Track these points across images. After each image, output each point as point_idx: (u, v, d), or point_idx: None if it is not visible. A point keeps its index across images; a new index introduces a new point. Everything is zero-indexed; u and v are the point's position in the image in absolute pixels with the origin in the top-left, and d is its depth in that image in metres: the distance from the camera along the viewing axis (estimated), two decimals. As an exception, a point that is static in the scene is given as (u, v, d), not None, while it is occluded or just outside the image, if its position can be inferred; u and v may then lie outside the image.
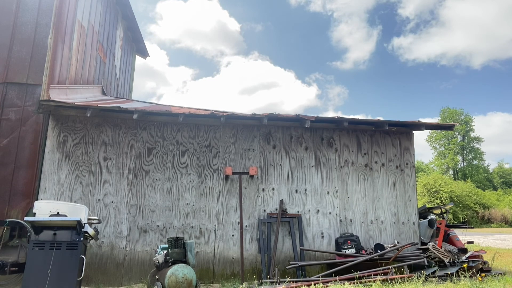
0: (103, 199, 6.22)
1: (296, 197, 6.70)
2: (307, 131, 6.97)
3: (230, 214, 6.45)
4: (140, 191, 6.34)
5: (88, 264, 5.36)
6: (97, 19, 8.95)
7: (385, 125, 6.82)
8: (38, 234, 4.38)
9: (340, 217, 6.72)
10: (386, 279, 5.30)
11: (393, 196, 6.97)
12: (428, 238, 7.00)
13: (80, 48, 7.94)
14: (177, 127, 6.68)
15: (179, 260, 4.92)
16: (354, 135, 7.13)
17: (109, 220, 6.15)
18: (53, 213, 4.60)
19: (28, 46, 6.81)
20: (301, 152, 6.91)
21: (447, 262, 6.01)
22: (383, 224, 6.81)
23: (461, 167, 49.21)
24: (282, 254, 6.37)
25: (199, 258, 6.16)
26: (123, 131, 6.53)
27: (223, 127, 6.80)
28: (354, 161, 7.01)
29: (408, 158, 7.18)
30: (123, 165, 6.39)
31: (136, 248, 6.12)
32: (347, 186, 6.88)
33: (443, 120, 47.50)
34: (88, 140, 6.40)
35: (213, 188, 6.51)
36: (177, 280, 4.52)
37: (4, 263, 4.62)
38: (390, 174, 7.05)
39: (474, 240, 9.66)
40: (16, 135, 6.45)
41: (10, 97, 6.62)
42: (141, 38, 12.61)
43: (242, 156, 6.73)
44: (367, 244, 6.64)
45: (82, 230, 4.49)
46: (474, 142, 49.05)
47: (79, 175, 6.25)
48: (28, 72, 6.71)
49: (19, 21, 6.92)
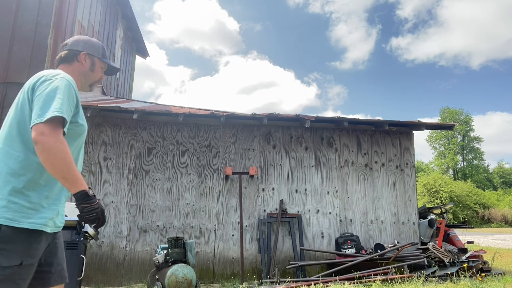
0: (103, 199, 6.22)
1: (296, 197, 6.70)
2: (307, 131, 6.97)
3: (230, 214, 6.45)
4: (140, 191, 6.34)
5: (88, 264, 5.36)
6: (97, 19, 8.95)
7: (385, 125, 6.82)
8: (38, 234, 4.38)
9: (340, 217, 6.72)
10: (386, 279, 5.30)
11: (393, 196, 6.97)
12: (428, 238, 7.00)
13: (80, 48, 7.93)
14: (177, 127, 6.68)
15: (179, 260, 4.92)
16: (354, 135, 7.13)
17: (109, 220, 6.15)
18: (53, 213, 4.60)
19: (28, 46, 6.81)
20: (301, 152, 6.91)
21: (447, 262, 6.01)
22: (383, 224, 6.81)
23: (461, 167, 49.21)
24: (282, 254, 6.37)
25: (199, 258, 6.16)
26: (123, 131, 6.53)
27: (223, 127, 6.80)
28: (354, 161, 7.01)
29: (408, 158, 7.17)
30: (123, 165, 6.39)
31: (136, 248, 6.12)
32: (347, 186, 6.88)
33: (443, 120, 47.49)
34: (88, 140, 6.39)
35: (213, 188, 6.51)
36: (177, 280, 4.52)
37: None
38: (390, 174, 7.05)
39: (474, 240, 9.67)
40: (16, 135, 6.45)
41: (10, 97, 6.61)
42: (141, 38, 12.61)
43: (242, 156, 6.73)
44: (367, 244, 6.64)
45: (82, 230, 4.49)
46: (474, 142, 49.04)
47: (79, 175, 6.25)
48: (28, 72, 6.70)
49: (19, 21, 6.92)
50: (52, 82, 1.71)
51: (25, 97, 1.73)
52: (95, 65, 2.06)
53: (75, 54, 2.00)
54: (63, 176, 1.63)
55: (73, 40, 2.06)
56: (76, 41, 2.05)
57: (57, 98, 1.67)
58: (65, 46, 2.04)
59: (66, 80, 1.76)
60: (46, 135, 1.58)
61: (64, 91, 1.71)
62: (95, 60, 2.06)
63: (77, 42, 2.04)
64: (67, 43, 2.05)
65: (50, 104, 1.64)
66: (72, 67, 1.99)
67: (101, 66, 2.11)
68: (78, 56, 2.01)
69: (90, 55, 2.04)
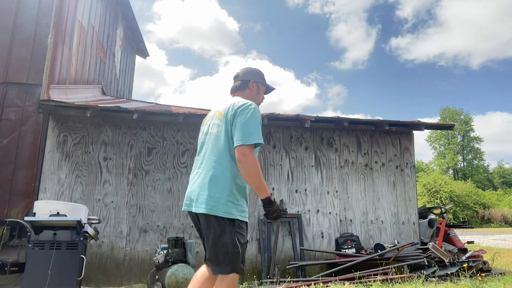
0: (103, 199, 6.22)
1: (296, 197, 6.70)
2: (307, 131, 6.96)
3: (230, 214, 6.44)
4: (140, 191, 6.34)
5: (88, 264, 5.36)
6: (97, 19, 8.94)
7: (385, 125, 6.82)
8: (38, 234, 4.38)
9: (340, 217, 6.72)
10: (386, 279, 5.30)
11: (393, 196, 6.97)
12: (428, 238, 7.00)
13: (80, 48, 7.94)
14: (177, 127, 6.68)
15: (179, 260, 4.92)
16: (354, 135, 7.13)
17: (109, 220, 6.15)
18: (53, 213, 4.60)
19: (28, 46, 6.80)
20: (301, 152, 6.91)
21: (447, 262, 6.00)
22: (383, 224, 6.81)
23: (461, 167, 49.22)
24: (282, 254, 6.37)
25: (199, 258, 6.15)
26: (123, 131, 6.53)
27: (223, 127, 6.79)
28: (354, 161, 7.01)
29: (408, 158, 7.17)
30: (123, 165, 6.39)
31: (136, 248, 6.12)
32: (347, 186, 6.88)
33: (443, 120, 47.49)
34: (88, 140, 6.39)
35: (213, 188, 6.50)
36: (177, 280, 4.52)
37: (4, 263, 4.61)
38: (390, 174, 7.05)
39: (474, 240, 9.66)
40: (16, 135, 6.45)
41: (10, 97, 6.61)
42: (141, 38, 12.61)
43: (242, 156, 6.72)
44: (367, 244, 6.64)
45: (82, 230, 4.49)
46: (474, 142, 49.07)
47: (79, 175, 6.25)
48: (28, 72, 6.70)
49: (19, 21, 6.91)
50: (249, 112, 2.32)
51: (228, 120, 2.34)
52: (259, 89, 2.68)
53: (246, 83, 2.62)
54: (256, 186, 2.26)
55: (243, 72, 2.68)
56: (245, 73, 2.67)
57: (255, 125, 2.30)
58: (237, 77, 2.67)
59: (257, 109, 2.40)
60: (246, 155, 2.21)
61: (257, 118, 2.34)
62: (259, 85, 2.67)
63: (246, 74, 2.67)
64: (239, 75, 2.67)
65: (250, 130, 2.26)
66: (245, 93, 2.60)
67: (263, 89, 2.72)
68: (248, 84, 2.62)
69: (256, 82, 2.65)
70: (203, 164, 2.39)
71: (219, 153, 2.32)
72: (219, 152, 2.32)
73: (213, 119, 2.48)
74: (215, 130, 2.41)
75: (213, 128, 2.43)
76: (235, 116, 2.31)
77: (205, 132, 2.51)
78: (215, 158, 2.32)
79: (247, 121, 2.27)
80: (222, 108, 2.44)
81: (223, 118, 2.37)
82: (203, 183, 2.31)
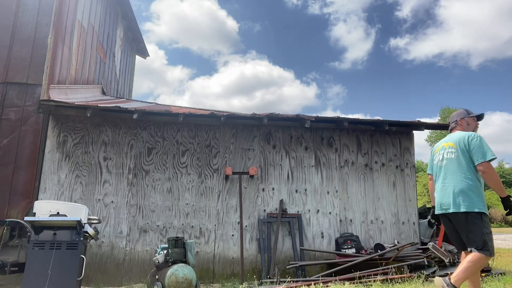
0: (103, 199, 6.22)
1: (296, 197, 6.70)
2: (307, 131, 6.96)
3: (230, 214, 6.45)
4: (140, 191, 6.34)
5: (88, 264, 5.36)
6: (97, 19, 8.94)
7: (385, 125, 6.82)
8: (38, 234, 4.38)
9: (340, 217, 6.72)
10: (386, 279, 5.30)
11: (393, 196, 6.97)
12: (428, 238, 7.00)
13: (80, 48, 7.94)
14: (177, 127, 6.68)
15: (179, 260, 4.91)
16: (354, 135, 7.12)
17: (109, 220, 6.15)
18: (53, 213, 4.60)
19: (28, 46, 6.81)
20: (301, 152, 6.91)
21: (447, 262, 6.00)
22: (383, 224, 6.81)
23: (461, 167, 49.10)
24: (282, 254, 6.37)
25: (199, 258, 6.16)
26: (123, 131, 6.53)
27: (223, 127, 6.80)
28: (354, 161, 7.01)
29: (408, 158, 7.17)
30: (123, 165, 6.39)
31: (136, 248, 6.12)
32: (347, 186, 6.88)
33: (443, 120, 47.49)
34: (88, 140, 6.40)
35: (213, 188, 6.51)
36: (177, 280, 4.52)
37: (4, 263, 4.61)
38: (390, 174, 7.05)
39: (474, 240, 9.63)
40: (16, 135, 6.45)
41: (10, 97, 6.62)
42: (141, 38, 12.62)
43: (242, 156, 6.73)
44: (367, 244, 6.64)
45: (82, 230, 4.49)
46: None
47: (79, 175, 6.25)
48: (28, 72, 6.71)
49: (19, 21, 6.92)
50: (477, 139, 3.37)
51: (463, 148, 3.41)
52: (468, 121, 3.68)
53: (456, 122, 3.71)
54: (498, 188, 3.33)
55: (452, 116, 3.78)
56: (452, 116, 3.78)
57: (486, 146, 3.33)
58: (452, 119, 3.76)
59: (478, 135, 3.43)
60: (488, 168, 3.26)
61: (484, 141, 3.37)
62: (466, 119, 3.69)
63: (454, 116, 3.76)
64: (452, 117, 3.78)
65: (483, 151, 3.30)
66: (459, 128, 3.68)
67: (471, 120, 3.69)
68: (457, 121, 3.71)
69: (462, 119, 3.70)
70: (446, 180, 3.46)
71: (464, 170, 3.36)
72: (463, 169, 3.37)
73: (447, 149, 3.55)
74: (452, 156, 3.47)
75: (449, 155, 3.50)
76: (469, 144, 3.37)
77: (441, 159, 3.58)
78: (461, 173, 3.37)
79: (479, 145, 3.33)
80: (453, 141, 3.52)
81: (457, 147, 3.45)
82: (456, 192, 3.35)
